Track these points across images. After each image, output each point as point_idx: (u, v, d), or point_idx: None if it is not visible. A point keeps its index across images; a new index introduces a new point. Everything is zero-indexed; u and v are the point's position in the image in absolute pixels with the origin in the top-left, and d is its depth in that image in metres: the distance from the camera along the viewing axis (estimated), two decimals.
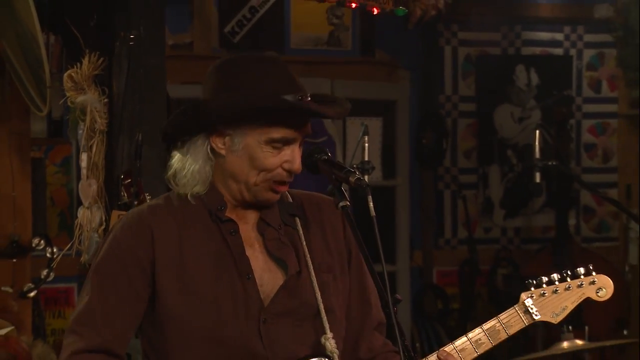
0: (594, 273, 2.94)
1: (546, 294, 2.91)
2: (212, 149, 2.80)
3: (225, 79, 2.84)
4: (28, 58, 4.68)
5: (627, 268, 7.62)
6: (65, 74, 4.37)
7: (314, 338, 2.80)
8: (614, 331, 6.68)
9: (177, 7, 6.78)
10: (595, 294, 2.95)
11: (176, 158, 2.82)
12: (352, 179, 2.71)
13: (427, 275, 7.79)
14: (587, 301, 2.95)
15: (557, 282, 2.92)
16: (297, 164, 2.77)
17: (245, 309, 2.74)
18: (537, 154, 5.42)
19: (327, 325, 2.79)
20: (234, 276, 2.76)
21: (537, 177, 5.39)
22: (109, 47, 4.36)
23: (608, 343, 5.20)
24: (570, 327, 4.81)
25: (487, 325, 2.90)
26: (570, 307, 2.93)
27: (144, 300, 2.76)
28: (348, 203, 2.75)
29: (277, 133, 2.75)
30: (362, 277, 2.94)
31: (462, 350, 2.86)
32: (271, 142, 2.75)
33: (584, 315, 5.84)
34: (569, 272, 2.92)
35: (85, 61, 4.32)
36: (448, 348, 2.84)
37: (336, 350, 2.79)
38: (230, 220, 2.81)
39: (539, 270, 7.09)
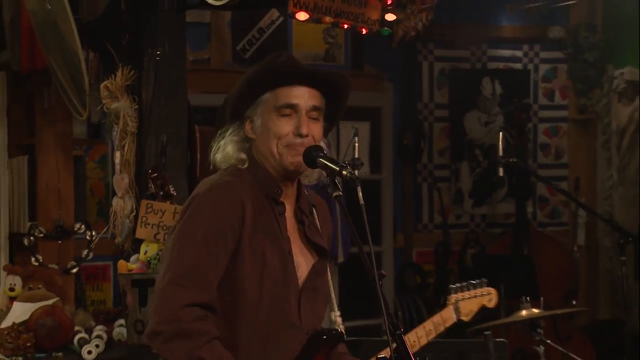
0: (485, 283, 3.20)
1: (464, 299, 3.11)
2: (247, 136, 2.84)
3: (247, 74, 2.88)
4: (71, 71, 4.66)
5: (575, 248, 7.60)
6: (102, 85, 4.37)
7: (324, 313, 2.82)
8: (564, 301, 6.67)
9: (197, 28, 6.80)
10: (487, 302, 3.19)
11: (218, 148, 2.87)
12: (344, 173, 2.71)
13: (408, 254, 7.79)
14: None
15: (466, 291, 3.15)
16: (305, 128, 2.78)
17: (289, 284, 2.76)
18: (501, 152, 5.43)
19: (335, 304, 2.81)
20: (283, 251, 2.78)
21: (501, 172, 5.41)
22: (138, 61, 4.35)
23: (559, 311, 5.19)
24: (528, 299, 4.80)
25: (434, 318, 3.07)
26: (475, 310, 3.18)
27: (227, 262, 2.72)
28: (341, 193, 2.75)
29: (281, 100, 2.79)
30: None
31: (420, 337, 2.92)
32: (278, 110, 2.79)
33: (539, 289, 5.84)
34: (472, 283, 3.17)
35: (119, 73, 4.31)
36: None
37: (342, 326, 2.81)
38: (282, 203, 2.82)
39: (502, 250, 7.14)
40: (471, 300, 3.08)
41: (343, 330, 2.80)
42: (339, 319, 2.79)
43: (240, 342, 2.73)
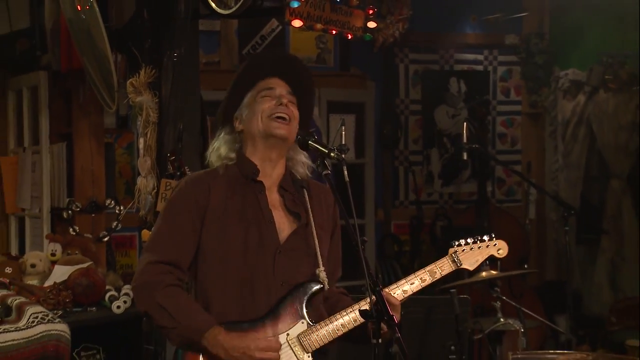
0: (494, 238, 3.03)
1: (465, 250, 2.97)
2: (237, 132, 2.87)
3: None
4: (102, 71, 4.66)
5: (527, 221, 7.60)
6: (128, 82, 4.36)
7: (310, 271, 2.80)
8: (518, 265, 6.67)
9: (209, 35, 6.80)
10: (496, 252, 3.03)
11: (213, 148, 2.91)
12: (332, 154, 2.73)
13: (387, 227, 7.77)
14: (490, 257, 3.07)
15: (472, 243, 2.99)
16: (284, 99, 2.82)
17: (265, 244, 2.76)
18: (465, 140, 5.42)
19: (321, 262, 2.79)
20: (261, 222, 2.77)
21: (465, 156, 5.39)
22: (159, 62, 4.33)
23: (513, 273, 5.18)
24: (487, 262, 4.79)
25: (428, 268, 2.94)
26: (481, 259, 3.02)
27: (198, 233, 2.75)
28: (329, 172, 2.75)
29: (261, 86, 2.84)
30: (338, 246, 2.99)
31: (412, 283, 2.88)
32: (260, 93, 2.83)
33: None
34: (479, 237, 3.02)
35: (142, 72, 4.29)
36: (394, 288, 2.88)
37: (326, 279, 2.79)
38: (260, 182, 2.82)
39: (466, 222, 7.15)
40: (474, 251, 2.98)
41: (326, 283, 2.78)
42: (323, 274, 2.78)
43: (216, 297, 2.75)
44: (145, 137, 4.29)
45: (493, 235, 3.04)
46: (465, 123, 5.68)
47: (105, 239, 5.18)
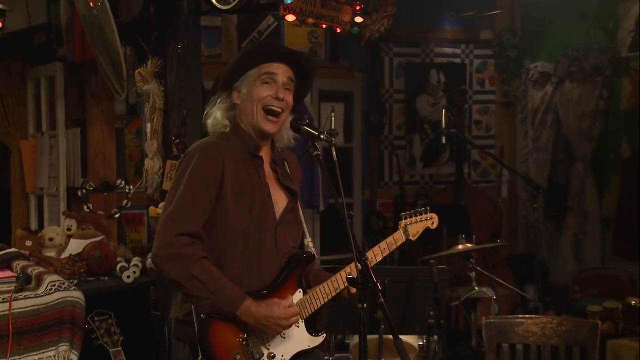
0: (429, 211, 3.12)
1: (411, 223, 3.04)
2: (233, 103, 2.79)
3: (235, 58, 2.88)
4: (112, 61, 4.62)
5: (500, 200, 7.62)
6: (136, 71, 4.33)
7: (299, 240, 2.80)
8: (491, 239, 6.68)
9: (211, 30, 6.77)
10: (430, 225, 3.10)
11: (210, 115, 2.86)
12: (322, 136, 2.71)
13: (373, 205, 7.77)
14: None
15: (414, 217, 3.06)
16: (281, 93, 2.77)
17: (268, 218, 2.75)
18: (443, 126, 5.41)
19: (307, 232, 2.79)
20: (263, 194, 2.76)
21: (443, 140, 5.38)
22: (164, 53, 4.30)
23: (487, 245, 5.19)
24: (464, 237, 4.80)
25: (388, 239, 2.99)
26: (420, 231, 3.08)
27: (213, 203, 2.70)
28: (319, 152, 2.74)
29: (264, 69, 2.77)
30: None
31: (376, 254, 2.91)
32: (262, 78, 2.77)
33: (472, 230, 5.85)
34: (418, 210, 3.10)
35: (149, 63, 4.27)
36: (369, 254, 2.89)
37: (314, 249, 2.79)
38: (260, 157, 2.79)
39: (445, 201, 7.15)
40: (417, 224, 3.04)
41: (314, 252, 2.79)
42: (311, 243, 2.80)
43: (225, 267, 2.71)
44: (152, 122, 4.26)
45: (428, 208, 3.11)
46: (444, 110, 5.67)
47: (116, 215, 5.17)
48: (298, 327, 2.73)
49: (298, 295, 2.75)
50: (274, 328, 2.67)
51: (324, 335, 2.82)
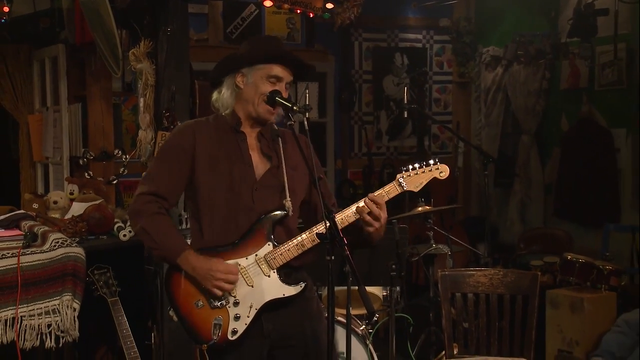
0: (438, 162, 2.82)
1: (411, 175, 2.78)
2: (236, 85, 2.75)
3: (250, 44, 2.81)
4: (109, 43, 4.56)
5: (456, 169, 7.66)
6: (130, 52, 4.25)
7: (280, 203, 2.75)
8: (448, 203, 6.73)
9: (199, 17, 6.72)
10: (438, 174, 2.82)
11: (217, 91, 2.79)
12: (295, 107, 2.67)
13: (344, 174, 7.77)
14: (434, 180, 2.86)
15: (417, 168, 2.80)
16: (283, 93, 2.74)
17: (246, 181, 2.69)
18: (405, 101, 5.38)
19: (287, 195, 2.73)
20: (242, 163, 2.70)
21: (406, 114, 5.35)
22: (155, 36, 4.23)
23: (444, 208, 5.21)
24: (423, 199, 4.80)
25: (377, 192, 2.78)
26: (425, 181, 2.80)
27: (186, 173, 2.68)
28: (293, 122, 2.70)
29: (273, 71, 2.72)
30: (326, 182, 2.93)
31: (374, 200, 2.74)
32: (269, 77, 2.73)
33: (432, 194, 5.86)
34: (424, 162, 2.81)
35: (142, 44, 4.19)
36: (376, 193, 2.76)
37: (291, 207, 2.73)
38: (243, 132, 2.75)
39: None
40: (419, 175, 2.76)
41: (290, 211, 2.73)
42: (288, 203, 2.73)
43: (211, 227, 2.68)
44: (145, 97, 4.21)
45: (437, 160, 2.83)
46: (406, 89, 5.65)
47: (114, 181, 5.11)
48: (269, 277, 2.67)
49: (267, 247, 2.68)
50: (209, 280, 2.57)
51: (302, 285, 2.71)
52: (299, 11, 4.38)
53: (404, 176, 2.79)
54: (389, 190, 2.78)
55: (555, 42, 6.84)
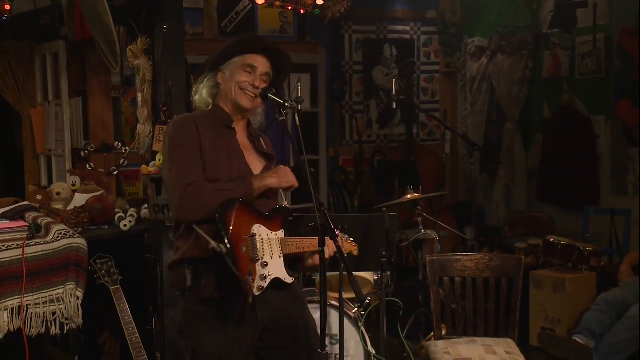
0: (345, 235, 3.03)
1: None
2: (217, 83, 2.76)
3: (227, 43, 2.82)
4: (107, 40, 4.52)
5: (444, 155, 7.64)
6: (128, 48, 4.22)
7: (276, 202, 2.77)
8: (436, 189, 6.72)
9: (195, 12, 6.67)
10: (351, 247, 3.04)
11: (194, 91, 2.81)
12: (287, 104, 2.66)
13: (336, 161, 7.76)
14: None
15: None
16: (257, 82, 2.74)
17: (244, 174, 2.69)
18: (394, 92, 5.36)
19: (283, 196, 2.77)
20: (239, 157, 2.71)
21: (394, 105, 5.33)
22: (152, 33, 4.20)
23: (432, 195, 5.20)
24: (412, 187, 4.80)
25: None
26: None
27: (201, 159, 2.63)
28: (285, 118, 2.69)
29: (247, 60, 2.74)
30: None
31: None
32: (244, 67, 2.74)
33: (420, 181, 5.86)
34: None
35: (139, 41, 4.15)
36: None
37: (285, 202, 2.76)
38: (234, 128, 2.75)
39: (397, 157, 7.16)
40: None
41: (287, 205, 2.76)
42: (284, 204, 2.76)
43: None
44: (143, 92, 4.18)
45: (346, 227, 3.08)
46: (394, 80, 5.62)
47: (115, 172, 5.10)
48: (280, 258, 2.69)
49: (282, 233, 2.71)
50: (281, 178, 2.70)
51: (296, 276, 2.76)
52: (290, 8, 4.35)
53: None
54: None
55: (537, 33, 6.82)
